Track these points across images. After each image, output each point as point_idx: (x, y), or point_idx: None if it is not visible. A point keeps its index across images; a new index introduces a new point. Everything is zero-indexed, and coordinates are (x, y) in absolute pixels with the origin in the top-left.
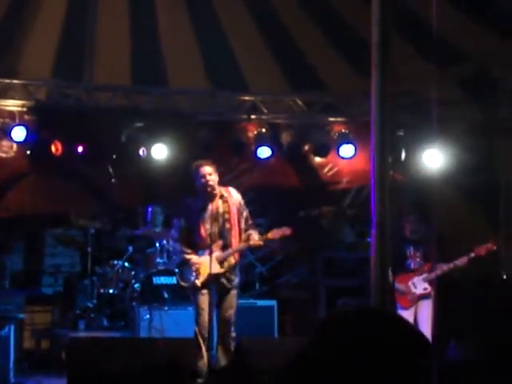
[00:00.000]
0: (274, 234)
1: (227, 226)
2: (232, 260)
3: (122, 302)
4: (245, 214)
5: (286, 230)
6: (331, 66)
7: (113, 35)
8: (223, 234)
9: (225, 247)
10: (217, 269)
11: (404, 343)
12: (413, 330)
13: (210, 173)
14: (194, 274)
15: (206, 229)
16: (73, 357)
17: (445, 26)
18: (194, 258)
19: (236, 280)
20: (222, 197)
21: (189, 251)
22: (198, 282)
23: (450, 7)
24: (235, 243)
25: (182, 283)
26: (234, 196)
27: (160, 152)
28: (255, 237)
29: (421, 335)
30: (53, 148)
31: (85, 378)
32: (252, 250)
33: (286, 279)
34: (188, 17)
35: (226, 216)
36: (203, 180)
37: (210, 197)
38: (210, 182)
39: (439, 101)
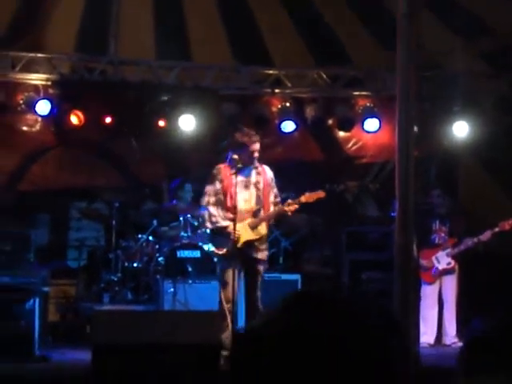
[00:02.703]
0: (308, 197)
1: (259, 194)
2: (263, 230)
3: (146, 275)
4: (275, 190)
5: (320, 193)
6: (356, 39)
7: (137, 9)
8: (255, 202)
9: (256, 214)
10: (250, 235)
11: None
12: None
13: (258, 149)
14: (230, 240)
15: (237, 193)
16: (97, 330)
17: None
18: (230, 225)
19: (265, 253)
20: (256, 168)
21: (225, 216)
22: (232, 250)
23: None
24: (264, 213)
25: (217, 250)
26: (268, 172)
27: (187, 123)
28: (289, 201)
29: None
30: (76, 120)
31: (109, 350)
32: (278, 223)
33: (310, 254)
34: None
35: (259, 186)
36: (252, 155)
37: (248, 166)
38: (257, 159)
39: (465, 73)
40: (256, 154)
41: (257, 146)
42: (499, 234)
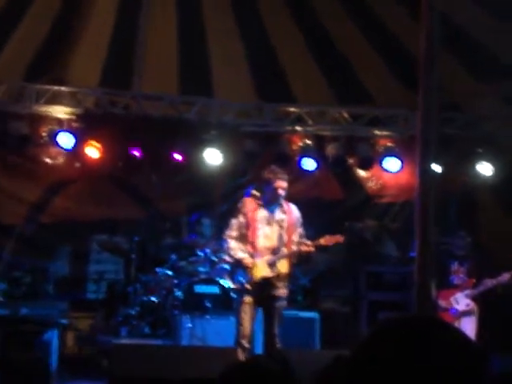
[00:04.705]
0: (327, 240)
1: (281, 232)
2: (282, 268)
3: (164, 309)
4: (300, 230)
5: (338, 238)
6: (378, 79)
7: (162, 45)
8: (276, 239)
9: (275, 252)
10: (267, 272)
11: (457, 350)
12: (463, 336)
13: (285, 188)
14: (246, 275)
15: (258, 228)
16: (114, 363)
17: (493, 41)
18: (247, 258)
19: (284, 290)
20: (281, 206)
21: (245, 250)
22: (249, 285)
23: (497, 22)
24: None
25: (232, 284)
26: (294, 212)
27: (213, 157)
28: (307, 242)
29: (472, 342)
30: (97, 153)
31: None
32: (299, 259)
33: (328, 291)
34: (236, 28)
35: (283, 224)
36: (278, 191)
37: (273, 203)
38: (282, 196)
39: (487, 116)
40: (280, 192)
41: (281, 183)
42: None
